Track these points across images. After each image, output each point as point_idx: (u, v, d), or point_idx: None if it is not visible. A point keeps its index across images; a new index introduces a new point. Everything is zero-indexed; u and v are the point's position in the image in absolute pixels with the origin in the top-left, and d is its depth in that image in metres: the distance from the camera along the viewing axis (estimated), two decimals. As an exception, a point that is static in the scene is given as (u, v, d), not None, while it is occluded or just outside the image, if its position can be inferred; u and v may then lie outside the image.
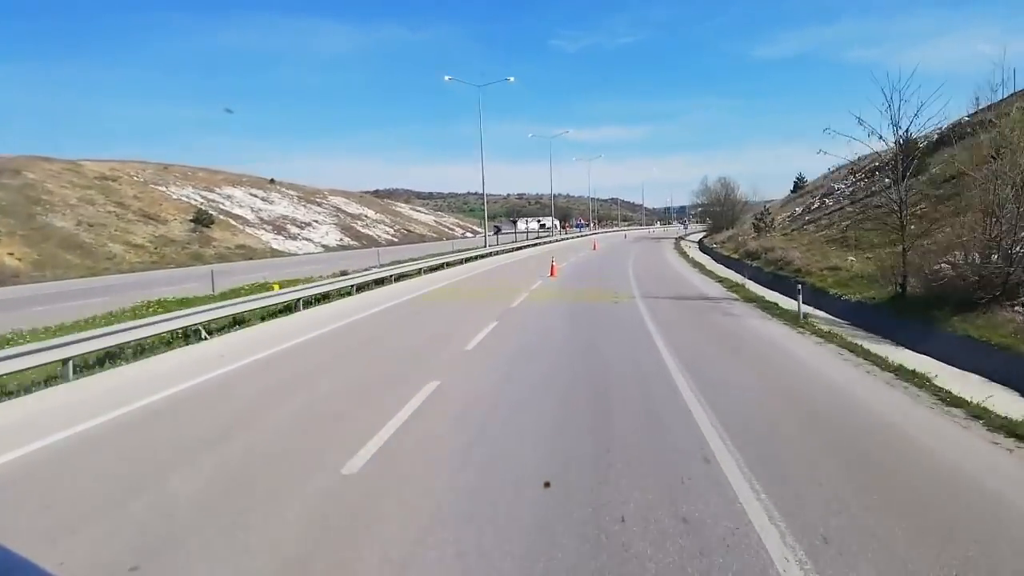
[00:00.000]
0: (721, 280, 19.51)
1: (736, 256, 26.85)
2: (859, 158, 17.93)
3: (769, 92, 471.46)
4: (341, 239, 59.22)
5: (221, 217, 51.00)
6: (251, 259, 42.23)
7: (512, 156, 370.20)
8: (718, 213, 53.82)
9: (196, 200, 52.67)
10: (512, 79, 42.91)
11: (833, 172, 35.24)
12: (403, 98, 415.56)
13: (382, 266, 23.13)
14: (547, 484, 4.28)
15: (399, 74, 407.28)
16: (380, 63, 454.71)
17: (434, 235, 78.21)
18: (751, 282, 18.49)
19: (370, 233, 66.79)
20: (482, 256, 33.57)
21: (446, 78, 41.25)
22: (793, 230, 27.71)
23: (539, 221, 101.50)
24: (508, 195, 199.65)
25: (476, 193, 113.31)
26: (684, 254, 35.25)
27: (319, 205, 69.57)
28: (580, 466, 4.61)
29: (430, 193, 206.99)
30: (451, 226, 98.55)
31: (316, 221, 62.19)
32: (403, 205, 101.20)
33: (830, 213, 26.46)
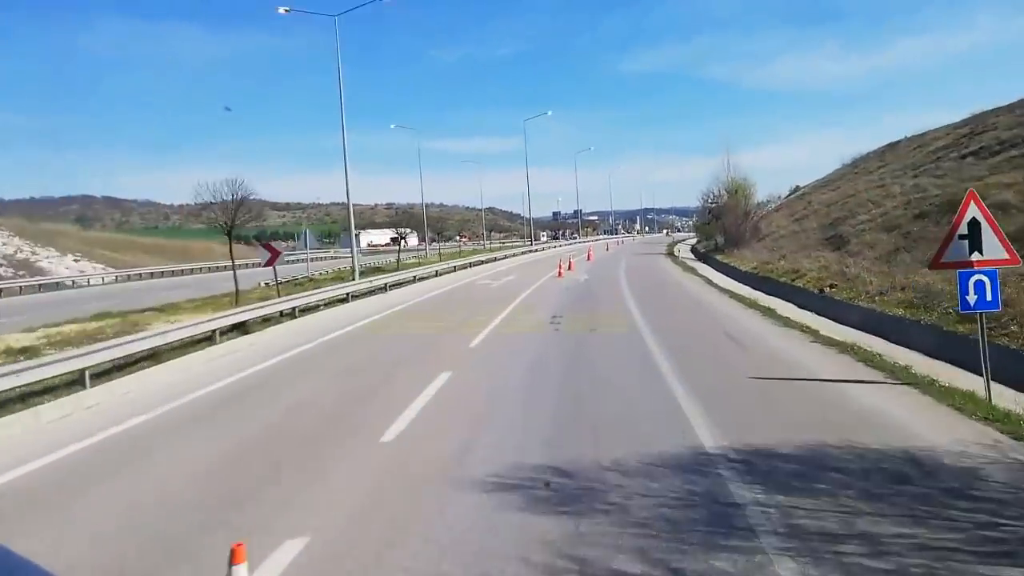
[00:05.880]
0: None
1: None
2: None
3: (638, 105, 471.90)
4: None
5: None
6: None
7: (385, 165, 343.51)
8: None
9: None
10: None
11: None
12: (264, 107, 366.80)
13: None
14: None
15: (264, 82, 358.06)
16: (242, 70, 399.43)
17: None
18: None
19: None
20: None
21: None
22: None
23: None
24: (376, 205, 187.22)
25: (340, 203, 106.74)
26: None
27: None
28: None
29: (287, 203, 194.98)
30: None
31: None
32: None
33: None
